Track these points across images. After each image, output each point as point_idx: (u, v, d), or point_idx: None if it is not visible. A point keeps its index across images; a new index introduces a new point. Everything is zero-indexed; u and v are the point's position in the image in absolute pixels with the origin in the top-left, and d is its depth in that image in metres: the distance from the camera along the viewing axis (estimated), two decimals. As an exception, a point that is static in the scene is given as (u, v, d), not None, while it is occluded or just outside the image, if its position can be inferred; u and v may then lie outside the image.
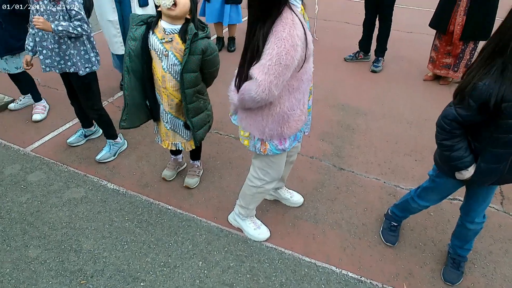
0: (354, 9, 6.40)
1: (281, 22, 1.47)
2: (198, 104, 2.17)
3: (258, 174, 2.03)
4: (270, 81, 1.49)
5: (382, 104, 3.72)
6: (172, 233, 2.30)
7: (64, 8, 2.31)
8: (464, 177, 1.70)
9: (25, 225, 2.32)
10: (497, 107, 1.45)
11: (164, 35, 1.98)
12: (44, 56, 2.50)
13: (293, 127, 1.78)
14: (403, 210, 2.23)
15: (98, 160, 2.82)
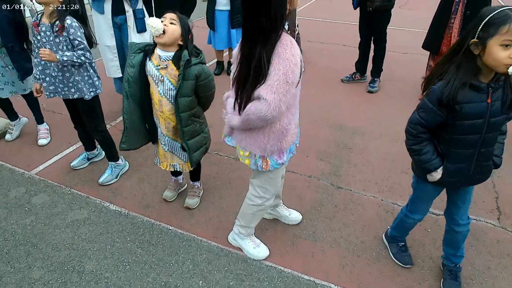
0: (350, 31, 6.57)
1: (281, 44, 1.58)
2: (193, 127, 2.25)
3: (258, 192, 2.09)
4: (280, 99, 1.58)
5: (379, 124, 3.79)
6: (173, 253, 2.33)
7: (67, 38, 2.43)
8: (435, 178, 1.81)
9: (28, 246, 2.37)
10: (451, 108, 1.60)
11: (159, 61, 2.09)
12: (48, 83, 2.61)
13: (289, 140, 1.87)
14: (401, 230, 2.27)
15: (101, 183, 2.88)
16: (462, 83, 1.56)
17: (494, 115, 1.62)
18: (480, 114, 1.61)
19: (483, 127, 1.64)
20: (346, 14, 7.95)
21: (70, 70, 2.53)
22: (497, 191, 2.87)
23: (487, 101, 1.59)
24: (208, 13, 4.53)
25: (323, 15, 8.27)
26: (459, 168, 1.76)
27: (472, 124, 1.63)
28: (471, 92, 1.58)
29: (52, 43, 2.44)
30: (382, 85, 4.61)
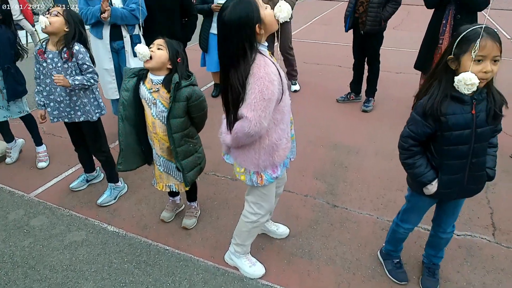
0: (345, 53, 6.70)
1: (255, 64, 1.67)
2: (187, 147, 2.30)
3: (253, 209, 2.13)
4: (259, 115, 1.67)
5: (373, 142, 3.85)
6: (170, 273, 2.34)
7: (76, 64, 2.54)
8: (431, 191, 1.86)
9: (26, 268, 2.38)
10: (437, 119, 1.68)
11: (152, 85, 2.18)
12: (52, 108, 2.70)
13: (282, 154, 1.93)
14: (394, 242, 2.30)
15: (100, 204, 2.91)
16: (444, 95, 1.67)
17: (481, 126, 1.70)
18: (466, 125, 1.69)
19: (470, 137, 1.71)
20: (340, 36, 8.13)
21: (77, 94, 2.63)
22: (492, 207, 2.90)
23: (471, 112, 1.68)
24: (202, 35, 4.64)
25: (319, 37, 8.47)
26: (454, 179, 1.82)
27: (459, 134, 1.71)
28: (455, 104, 1.68)
29: (60, 69, 2.55)
30: (377, 105, 4.69)
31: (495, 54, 1.57)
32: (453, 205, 2.01)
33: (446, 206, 2.04)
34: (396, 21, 9.90)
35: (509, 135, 3.88)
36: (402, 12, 10.79)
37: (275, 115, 1.81)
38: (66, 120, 2.73)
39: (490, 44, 1.55)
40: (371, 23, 4.10)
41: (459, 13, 3.66)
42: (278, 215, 2.76)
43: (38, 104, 2.76)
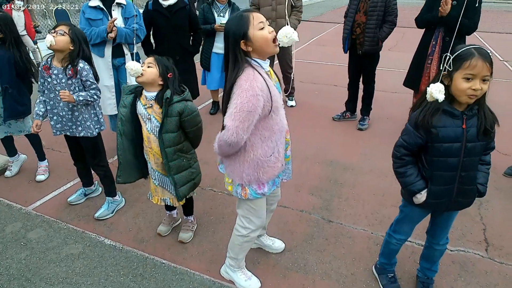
0: (341, 73, 6.83)
1: (243, 76, 1.75)
2: (180, 162, 2.35)
3: (243, 223, 2.17)
4: (237, 126, 1.73)
5: (368, 160, 3.91)
6: (166, 286, 2.36)
7: (80, 80, 2.62)
8: (419, 200, 1.93)
9: (22, 281, 2.39)
10: (428, 131, 1.78)
11: (146, 101, 2.26)
12: (55, 122, 2.76)
13: (269, 172, 1.97)
14: (387, 254, 2.33)
15: (97, 217, 2.94)
16: (435, 108, 1.76)
17: (471, 140, 1.78)
18: (456, 138, 1.77)
19: (460, 151, 1.79)
20: (337, 57, 8.33)
21: (79, 110, 2.70)
22: (485, 223, 2.94)
23: (462, 126, 1.76)
24: (204, 54, 4.76)
25: (315, 58, 8.63)
26: (443, 191, 1.88)
27: (449, 147, 1.79)
28: (446, 118, 1.77)
29: (64, 85, 2.62)
30: (372, 123, 4.78)
31: (485, 74, 1.65)
32: (445, 218, 2.07)
33: (439, 218, 2.09)
34: (392, 43, 10.12)
35: (503, 154, 3.95)
36: (397, 34, 11.06)
37: (262, 131, 1.87)
38: (68, 133, 2.79)
39: (481, 64, 1.64)
40: (369, 43, 4.22)
41: (448, 35, 3.79)
42: (274, 230, 2.79)
43: (37, 113, 2.79)
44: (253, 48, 1.79)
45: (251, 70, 1.78)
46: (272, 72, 1.95)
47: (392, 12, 4.13)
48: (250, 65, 1.80)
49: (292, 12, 4.84)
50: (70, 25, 2.63)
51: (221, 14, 4.54)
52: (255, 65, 1.81)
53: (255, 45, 1.78)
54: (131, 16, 3.59)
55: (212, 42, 4.64)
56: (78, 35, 2.60)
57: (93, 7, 3.51)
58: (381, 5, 4.09)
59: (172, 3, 3.95)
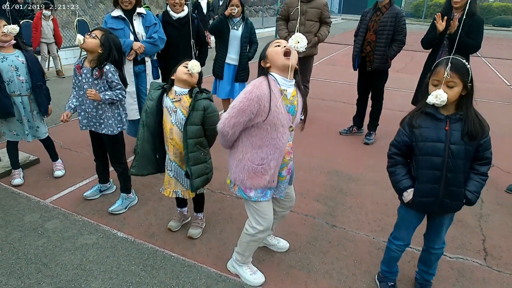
0: (349, 90, 7.03)
1: (253, 81, 1.99)
2: (198, 154, 2.51)
3: (251, 223, 2.30)
4: (226, 118, 1.98)
5: (373, 172, 4.03)
6: (174, 276, 2.47)
7: (105, 81, 2.82)
8: (406, 199, 2.08)
9: (39, 265, 2.52)
10: (412, 129, 1.97)
11: (175, 96, 2.46)
12: (82, 117, 2.99)
13: (254, 180, 2.11)
14: (388, 262, 2.40)
15: (111, 211, 3.08)
16: (419, 110, 1.98)
17: (455, 143, 1.92)
18: (438, 138, 1.93)
19: (444, 151, 1.93)
20: (346, 76, 8.53)
21: (103, 108, 2.90)
22: (484, 234, 3.02)
23: (445, 128, 1.93)
24: (217, 63, 4.94)
25: (326, 76, 8.84)
26: (428, 189, 2.01)
27: (432, 146, 1.95)
28: (430, 120, 1.97)
29: (91, 84, 2.84)
30: (378, 138, 4.90)
31: (449, 80, 1.87)
32: (437, 223, 2.18)
33: (432, 222, 2.21)
34: (401, 65, 10.32)
35: (505, 172, 4.04)
36: (406, 57, 11.31)
37: (254, 138, 2.05)
38: (92, 129, 3.00)
39: (443, 72, 1.87)
40: (379, 61, 4.39)
41: (451, 54, 3.93)
42: (279, 231, 2.90)
43: (69, 106, 2.99)
44: (270, 63, 2.04)
45: (261, 79, 2.00)
46: (294, 94, 2.08)
47: (402, 32, 4.32)
48: (266, 76, 2.01)
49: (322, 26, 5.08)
50: (105, 30, 2.86)
51: (235, 27, 4.76)
52: (271, 78, 2.01)
53: (270, 59, 2.03)
54: (151, 25, 3.81)
55: (225, 53, 4.83)
56: (110, 40, 2.80)
57: (115, 17, 3.72)
58: (391, 25, 4.27)
59: (182, 16, 4.14)
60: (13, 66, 3.19)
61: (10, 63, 3.18)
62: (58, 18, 11.10)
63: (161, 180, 3.45)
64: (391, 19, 4.27)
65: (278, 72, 2.02)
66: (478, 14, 3.75)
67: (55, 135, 4.51)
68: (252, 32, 4.91)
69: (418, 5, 33.35)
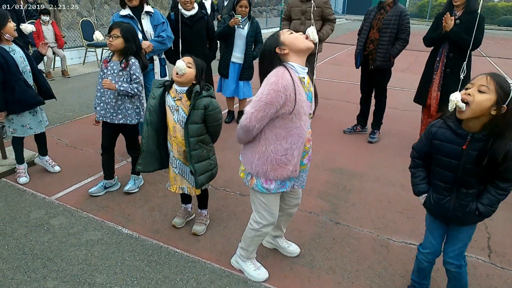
0: (353, 90, 7.01)
1: (273, 72, 1.94)
2: (201, 152, 2.53)
3: (256, 217, 2.30)
4: (252, 112, 1.92)
5: (376, 169, 4.03)
6: (178, 272, 2.49)
7: (129, 73, 2.98)
8: (421, 202, 2.08)
9: (45, 260, 2.55)
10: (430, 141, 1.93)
11: (176, 94, 2.47)
12: (101, 108, 3.14)
13: (277, 171, 2.08)
14: (417, 272, 2.28)
15: (127, 190, 3.37)
16: (443, 123, 1.89)
17: (470, 163, 1.81)
18: (454, 156, 1.84)
19: (458, 168, 1.85)
20: (350, 75, 8.52)
21: (122, 99, 3.08)
22: (489, 232, 3.02)
23: (462, 147, 1.81)
24: (223, 62, 5.00)
25: (329, 76, 8.84)
26: (440, 200, 1.97)
27: (448, 162, 1.87)
28: (451, 134, 1.85)
29: (115, 75, 3.00)
30: (382, 137, 4.90)
31: (481, 84, 1.71)
32: (454, 233, 2.08)
33: (450, 232, 2.11)
34: (405, 65, 10.30)
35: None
36: (410, 57, 11.29)
37: (279, 129, 2.00)
38: (108, 120, 3.14)
39: (480, 77, 1.74)
40: (382, 59, 4.39)
41: (452, 52, 3.95)
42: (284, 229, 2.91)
43: (95, 107, 3.19)
44: (288, 49, 1.98)
45: (282, 69, 1.95)
46: (309, 81, 2.08)
47: (405, 30, 4.31)
48: (284, 66, 1.97)
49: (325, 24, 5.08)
50: (120, 25, 2.97)
51: (241, 26, 4.79)
52: (290, 67, 1.98)
53: (289, 45, 1.98)
54: (159, 23, 3.84)
55: (231, 52, 4.88)
56: (127, 33, 2.96)
57: (124, 16, 3.75)
58: (394, 23, 4.27)
59: (193, 14, 4.25)
60: (22, 57, 3.26)
61: (21, 55, 3.25)
62: (63, 18, 11.21)
63: (165, 177, 3.49)
64: (394, 18, 4.27)
65: (295, 60, 2.00)
66: (478, 12, 3.75)
67: (60, 134, 4.56)
68: (258, 31, 4.95)
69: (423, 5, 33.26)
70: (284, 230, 2.69)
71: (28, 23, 7.17)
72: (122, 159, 3.98)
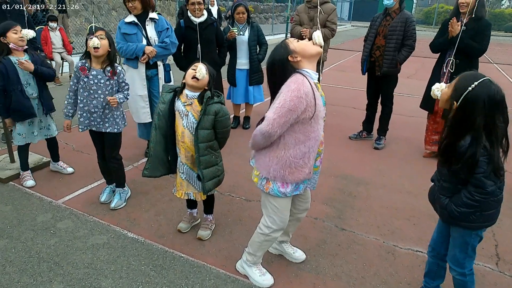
0: (359, 96, 6.99)
1: (293, 79, 1.96)
2: (209, 157, 2.53)
3: (266, 222, 2.30)
4: (274, 119, 1.92)
5: (382, 176, 4.01)
6: (183, 277, 2.49)
7: (117, 81, 2.92)
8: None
9: (51, 264, 2.56)
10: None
11: (186, 99, 2.48)
12: (84, 118, 3.03)
13: (294, 174, 2.10)
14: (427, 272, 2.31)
15: (113, 207, 3.19)
16: None
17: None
18: None
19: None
20: (356, 81, 8.51)
21: (110, 108, 2.98)
22: (497, 240, 2.99)
23: None
24: (230, 71, 5.06)
25: (335, 82, 8.84)
26: (432, 187, 2.12)
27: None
28: None
29: (102, 85, 2.90)
30: (388, 143, 4.88)
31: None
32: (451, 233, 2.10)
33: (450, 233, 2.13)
34: (411, 71, 10.29)
35: (517, 177, 3.98)
36: (417, 63, 11.26)
37: (298, 134, 2.02)
38: (93, 128, 3.05)
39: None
40: (388, 65, 4.40)
41: (457, 57, 3.94)
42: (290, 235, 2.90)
43: (66, 114, 3.07)
44: (300, 56, 2.01)
45: (300, 76, 1.98)
46: (320, 86, 2.13)
47: (411, 36, 4.32)
48: (300, 73, 2.00)
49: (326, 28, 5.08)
50: (103, 29, 2.96)
51: (241, 33, 4.84)
52: (306, 74, 2.01)
53: (300, 52, 2.02)
54: (164, 30, 3.87)
55: (235, 59, 4.94)
56: (110, 37, 2.93)
57: (129, 22, 3.79)
58: (400, 29, 4.28)
59: (203, 20, 4.29)
60: None
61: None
62: (71, 25, 11.35)
63: (171, 182, 3.50)
64: (400, 24, 4.27)
65: (308, 66, 2.04)
66: (485, 18, 3.74)
67: (67, 138, 4.59)
68: (260, 34, 4.99)
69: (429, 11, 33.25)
70: (290, 235, 2.68)
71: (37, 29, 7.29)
72: (128, 164, 4.00)
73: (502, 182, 1.82)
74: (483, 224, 1.94)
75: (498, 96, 1.72)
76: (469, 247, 2.04)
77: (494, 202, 1.86)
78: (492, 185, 1.78)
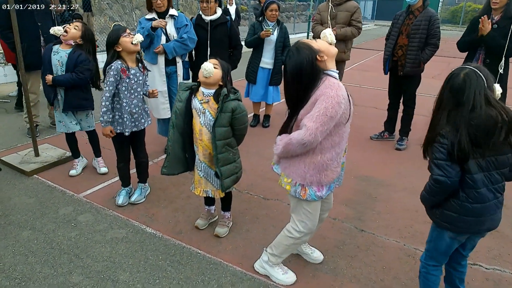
0: (381, 96, 6.88)
1: (328, 84, 1.91)
2: (227, 155, 2.52)
3: (298, 226, 2.27)
4: (317, 128, 1.88)
5: (404, 178, 3.92)
6: (200, 273, 2.49)
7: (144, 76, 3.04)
8: None
9: (71, 255, 2.61)
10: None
11: (203, 97, 2.47)
12: (129, 121, 3.00)
13: (329, 176, 2.09)
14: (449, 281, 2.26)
15: (133, 201, 3.24)
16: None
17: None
18: None
19: None
20: (378, 81, 8.38)
21: (143, 100, 3.13)
22: (523, 247, 2.87)
23: None
24: (251, 68, 5.02)
25: (357, 82, 8.72)
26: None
27: None
28: None
29: (140, 82, 3.01)
30: (410, 144, 4.77)
31: None
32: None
33: None
34: (435, 71, 10.03)
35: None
36: (442, 64, 10.98)
37: (334, 137, 2.00)
38: (135, 129, 3.07)
39: None
40: (411, 65, 4.29)
41: (488, 57, 3.80)
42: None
43: (106, 121, 2.92)
44: (325, 54, 1.97)
45: (332, 79, 1.95)
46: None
47: (435, 35, 4.20)
48: (328, 75, 1.96)
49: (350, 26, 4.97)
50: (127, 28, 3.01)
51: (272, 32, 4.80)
52: (333, 75, 1.98)
53: (325, 51, 1.98)
54: (182, 26, 3.89)
55: (259, 57, 4.90)
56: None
57: (149, 19, 3.83)
58: (424, 28, 4.17)
59: (214, 19, 4.19)
60: (59, 62, 3.37)
61: (59, 58, 3.37)
62: (95, 23, 11.57)
63: (189, 179, 3.50)
64: (424, 22, 4.16)
65: (331, 66, 2.00)
66: None
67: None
68: (286, 36, 4.96)
69: (456, 10, 32.35)
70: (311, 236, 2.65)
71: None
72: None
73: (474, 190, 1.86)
74: (445, 225, 1.97)
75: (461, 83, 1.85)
76: (432, 243, 2.08)
77: (455, 204, 1.90)
78: (441, 175, 1.85)
